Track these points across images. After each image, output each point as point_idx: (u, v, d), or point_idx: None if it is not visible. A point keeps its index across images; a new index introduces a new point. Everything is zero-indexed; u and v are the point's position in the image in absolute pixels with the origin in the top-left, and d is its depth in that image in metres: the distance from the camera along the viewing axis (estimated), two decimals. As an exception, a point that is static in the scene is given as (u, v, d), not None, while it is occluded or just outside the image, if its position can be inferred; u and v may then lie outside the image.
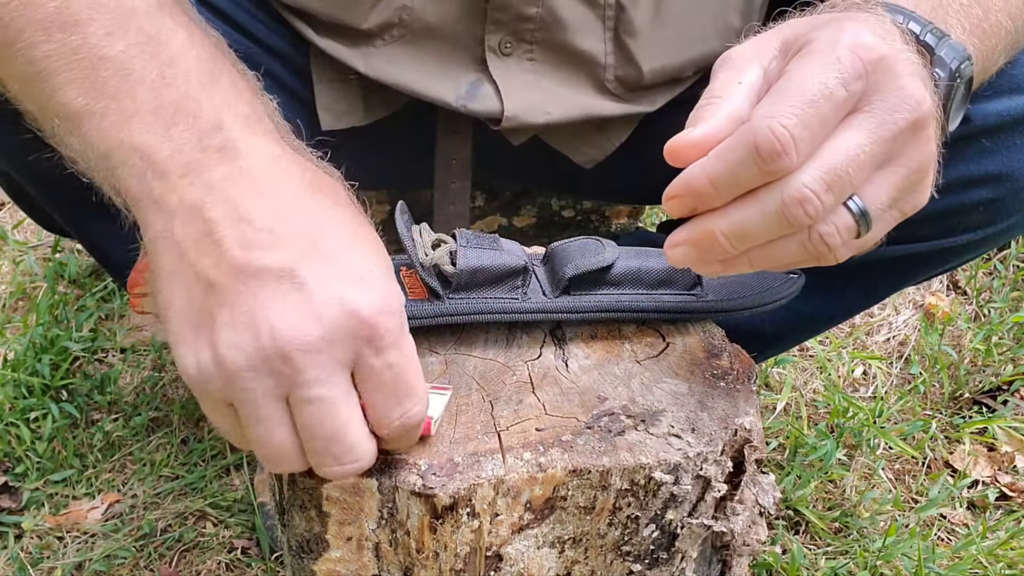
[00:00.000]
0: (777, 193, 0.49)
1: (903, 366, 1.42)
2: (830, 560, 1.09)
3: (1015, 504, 1.21)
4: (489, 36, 0.80)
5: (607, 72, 0.82)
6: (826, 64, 0.48)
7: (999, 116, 0.74)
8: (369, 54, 0.80)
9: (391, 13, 0.78)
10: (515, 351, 0.70)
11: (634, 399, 0.65)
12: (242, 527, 1.11)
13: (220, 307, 0.48)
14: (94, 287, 1.48)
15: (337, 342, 0.48)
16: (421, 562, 0.60)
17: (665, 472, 0.59)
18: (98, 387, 1.30)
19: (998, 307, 1.50)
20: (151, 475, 1.18)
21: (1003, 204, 0.78)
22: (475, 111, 0.82)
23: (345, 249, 0.51)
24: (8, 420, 1.22)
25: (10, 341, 1.36)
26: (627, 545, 0.63)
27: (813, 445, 1.21)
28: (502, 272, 0.68)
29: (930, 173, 0.53)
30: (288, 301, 0.48)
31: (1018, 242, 1.61)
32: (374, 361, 0.50)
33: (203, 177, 0.50)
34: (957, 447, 1.29)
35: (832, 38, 0.49)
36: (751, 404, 0.65)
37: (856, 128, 0.49)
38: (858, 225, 0.51)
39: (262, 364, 0.48)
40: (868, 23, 0.51)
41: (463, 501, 0.57)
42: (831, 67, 0.48)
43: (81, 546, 1.09)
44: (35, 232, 1.64)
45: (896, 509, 1.16)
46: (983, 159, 0.76)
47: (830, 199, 0.49)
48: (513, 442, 0.60)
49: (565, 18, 0.79)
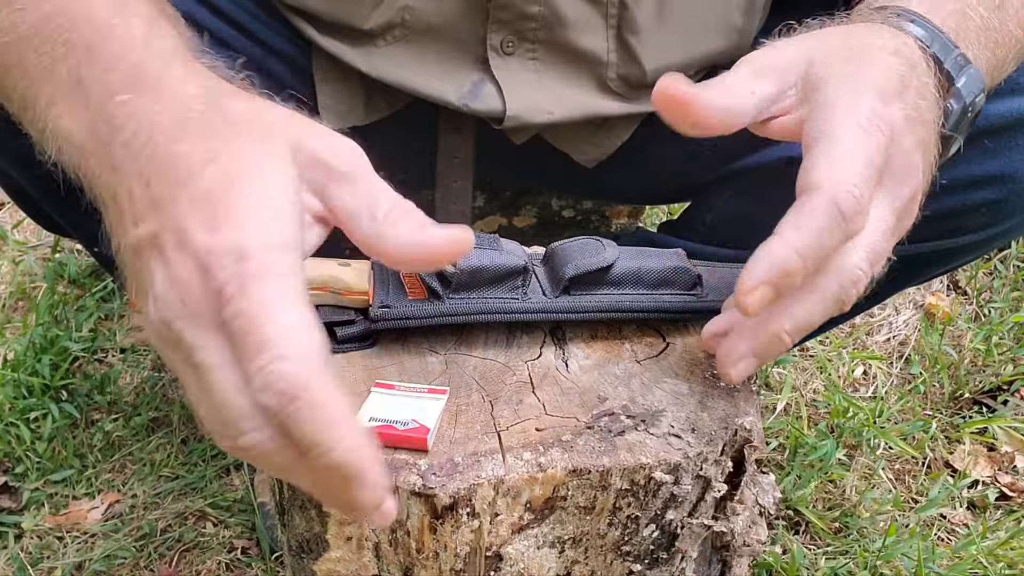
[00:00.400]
0: (834, 278, 0.50)
1: (903, 366, 1.42)
2: (830, 560, 1.09)
3: (1015, 504, 1.21)
4: (491, 35, 0.80)
5: (610, 71, 0.82)
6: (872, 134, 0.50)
7: (1001, 117, 0.74)
8: (371, 54, 0.80)
9: (393, 13, 0.78)
10: (515, 351, 0.70)
11: (634, 399, 0.65)
12: (242, 527, 1.11)
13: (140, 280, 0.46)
14: (94, 287, 1.48)
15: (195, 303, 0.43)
16: (421, 562, 0.60)
17: (665, 472, 0.59)
18: (98, 387, 1.30)
19: (998, 307, 1.50)
20: (151, 475, 1.18)
21: (1005, 205, 0.78)
22: (477, 110, 0.82)
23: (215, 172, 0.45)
24: (8, 420, 1.22)
25: (10, 341, 1.36)
26: (627, 545, 0.63)
27: (813, 445, 1.21)
28: (502, 272, 0.68)
29: None
30: (158, 272, 0.44)
31: (1019, 242, 1.60)
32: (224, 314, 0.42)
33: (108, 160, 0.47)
34: (957, 447, 1.29)
35: (854, 103, 0.50)
36: (751, 404, 0.65)
37: (879, 203, 0.51)
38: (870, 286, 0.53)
39: (158, 339, 0.45)
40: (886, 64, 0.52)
41: (463, 501, 0.57)
42: (873, 138, 0.50)
43: (81, 546, 1.09)
44: (35, 232, 1.64)
45: (896, 509, 1.16)
46: (985, 160, 0.76)
47: (871, 272, 0.51)
48: (513, 442, 0.60)
49: (567, 17, 0.79)
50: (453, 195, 0.95)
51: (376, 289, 0.68)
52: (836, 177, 0.49)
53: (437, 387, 0.65)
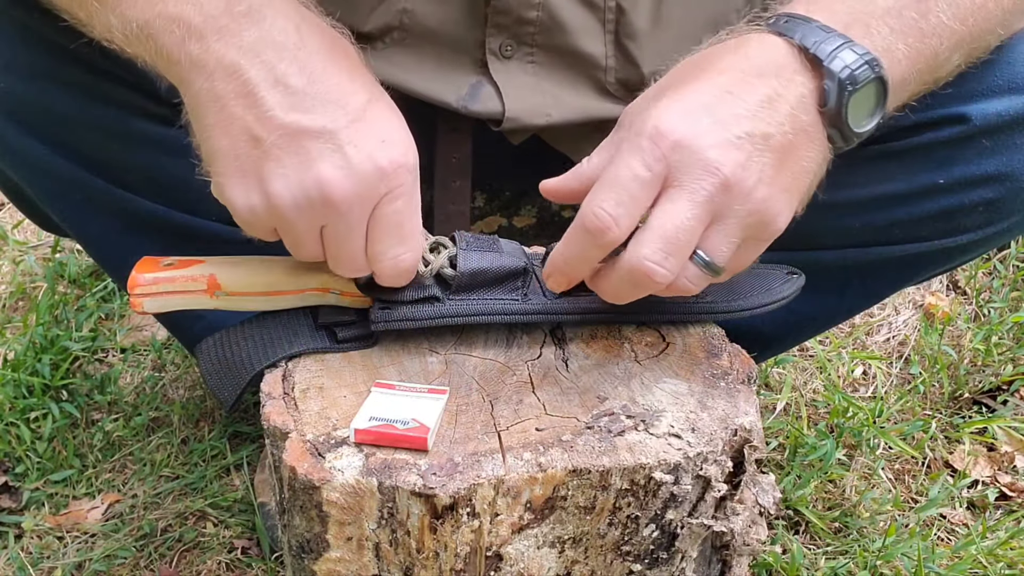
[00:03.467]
0: (624, 264, 0.60)
1: (903, 366, 1.42)
2: (830, 560, 1.09)
3: (1015, 504, 1.21)
4: (490, 39, 0.80)
5: (608, 74, 0.82)
6: (632, 151, 0.59)
7: (999, 116, 0.74)
8: (370, 55, 0.80)
9: (392, 16, 0.78)
10: (515, 351, 0.70)
11: (634, 399, 0.65)
12: (242, 527, 1.11)
13: (266, 160, 0.58)
14: (94, 287, 1.48)
15: (367, 192, 0.59)
16: (421, 562, 0.60)
17: (665, 472, 0.59)
18: (98, 387, 1.29)
19: (998, 307, 1.50)
20: (151, 475, 1.18)
21: (1003, 204, 0.78)
22: (476, 112, 0.82)
23: (369, 111, 0.60)
24: (8, 420, 1.22)
25: (10, 341, 1.36)
26: (627, 545, 0.63)
27: (813, 445, 1.21)
28: (502, 273, 0.68)
29: (770, 209, 0.60)
30: (329, 159, 0.58)
31: (1018, 242, 1.60)
32: (386, 207, 0.61)
33: (236, 39, 0.58)
34: (957, 447, 1.29)
35: (639, 129, 0.60)
36: (751, 404, 0.65)
37: (673, 200, 0.58)
38: (707, 271, 0.61)
39: (308, 207, 0.59)
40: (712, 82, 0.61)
41: (463, 501, 0.57)
42: (636, 155, 0.59)
43: (81, 546, 1.09)
44: (35, 232, 1.64)
45: (896, 509, 1.16)
46: (983, 159, 0.76)
47: (672, 262, 0.59)
48: (513, 442, 0.60)
49: (565, 21, 0.79)
50: (451, 195, 0.95)
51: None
52: (589, 200, 0.60)
53: (437, 387, 0.65)
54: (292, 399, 0.65)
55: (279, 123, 0.58)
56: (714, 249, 0.60)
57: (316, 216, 0.60)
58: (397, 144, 0.61)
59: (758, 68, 0.61)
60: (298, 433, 0.61)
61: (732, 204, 0.59)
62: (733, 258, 0.62)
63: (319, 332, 0.70)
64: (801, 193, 0.63)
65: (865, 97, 0.61)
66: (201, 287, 0.68)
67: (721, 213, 0.59)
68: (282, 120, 0.58)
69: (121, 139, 0.79)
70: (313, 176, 0.58)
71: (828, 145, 0.63)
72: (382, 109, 0.62)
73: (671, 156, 0.58)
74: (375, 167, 0.59)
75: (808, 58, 0.61)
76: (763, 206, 0.60)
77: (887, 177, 0.80)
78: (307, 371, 0.68)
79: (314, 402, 0.64)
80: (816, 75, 0.61)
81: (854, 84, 0.60)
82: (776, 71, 0.61)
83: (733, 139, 0.59)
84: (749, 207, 0.59)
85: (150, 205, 0.84)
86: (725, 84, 0.61)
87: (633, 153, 0.59)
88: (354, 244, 0.62)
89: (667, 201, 0.59)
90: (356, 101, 0.60)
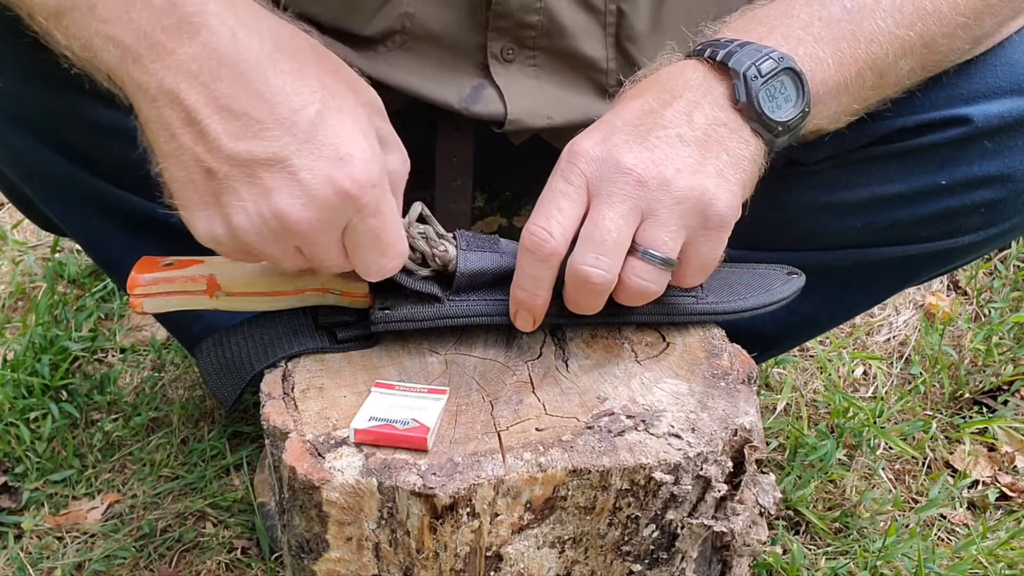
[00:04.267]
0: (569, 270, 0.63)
1: (903, 366, 1.42)
2: (830, 560, 1.09)
3: (1015, 504, 1.21)
4: (491, 43, 0.80)
5: (609, 77, 0.83)
6: (554, 175, 0.65)
7: (1000, 118, 0.74)
8: (372, 58, 0.80)
9: (393, 20, 0.78)
10: (515, 351, 0.70)
11: (634, 399, 0.65)
12: (242, 527, 1.11)
13: (223, 192, 0.57)
14: (94, 287, 1.48)
15: (331, 218, 0.58)
16: (421, 562, 0.60)
17: (665, 472, 0.59)
18: (98, 387, 1.29)
19: (998, 307, 1.50)
20: (151, 475, 1.18)
21: (1004, 205, 0.78)
22: (478, 114, 0.82)
23: (320, 126, 0.57)
24: (8, 420, 1.22)
25: (10, 341, 1.36)
26: (627, 545, 0.63)
27: (813, 445, 1.21)
28: (502, 274, 0.68)
29: (702, 196, 0.63)
30: (286, 189, 0.56)
31: (1019, 242, 1.60)
32: (358, 226, 0.60)
33: (172, 59, 0.55)
34: (957, 447, 1.29)
35: (563, 154, 0.65)
36: (751, 404, 0.65)
37: (596, 207, 0.63)
38: (657, 265, 0.63)
39: (274, 237, 0.58)
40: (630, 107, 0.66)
41: (463, 501, 0.57)
42: (556, 175, 0.65)
43: (81, 546, 1.09)
44: (35, 232, 1.64)
45: (896, 509, 1.16)
46: (984, 161, 0.76)
47: (604, 262, 0.62)
48: (513, 442, 0.60)
49: (566, 25, 0.79)
50: (453, 194, 0.95)
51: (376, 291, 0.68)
52: (528, 223, 0.64)
53: (437, 387, 0.65)
54: (292, 399, 0.65)
55: (228, 154, 0.56)
56: (654, 241, 0.63)
57: (285, 242, 0.59)
58: (356, 159, 0.57)
59: (671, 89, 0.66)
60: (298, 433, 0.61)
61: (656, 196, 0.62)
62: (691, 251, 0.64)
63: (319, 332, 0.70)
64: (742, 180, 0.65)
65: (780, 88, 0.65)
66: (201, 287, 0.68)
67: (649, 208, 0.62)
68: (231, 150, 0.56)
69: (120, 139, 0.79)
70: (271, 209, 0.57)
71: (757, 137, 0.66)
72: (334, 118, 0.58)
73: (587, 169, 0.64)
74: (335, 191, 0.57)
75: (715, 66, 0.66)
76: (691, 193, 0.62)
77: (888, 178, 0.80)
78: (307, 371, 0.68)
79: (314, 402, 0.64)
80: (725, 77, 0.66)
81: (758, 76, 0.64)
82: (688, 86, 0.66)
83: (645, 143, 0.64)
84: (676, 195, 0.62)
85: (149, 205, 0.84)
86: (641, 106, 0.66)
87: (554, 175, 0.65)
88: (332, 260, 0.62)
89: (592, 209, 0.63)
90: (305, 116, 0.57)
